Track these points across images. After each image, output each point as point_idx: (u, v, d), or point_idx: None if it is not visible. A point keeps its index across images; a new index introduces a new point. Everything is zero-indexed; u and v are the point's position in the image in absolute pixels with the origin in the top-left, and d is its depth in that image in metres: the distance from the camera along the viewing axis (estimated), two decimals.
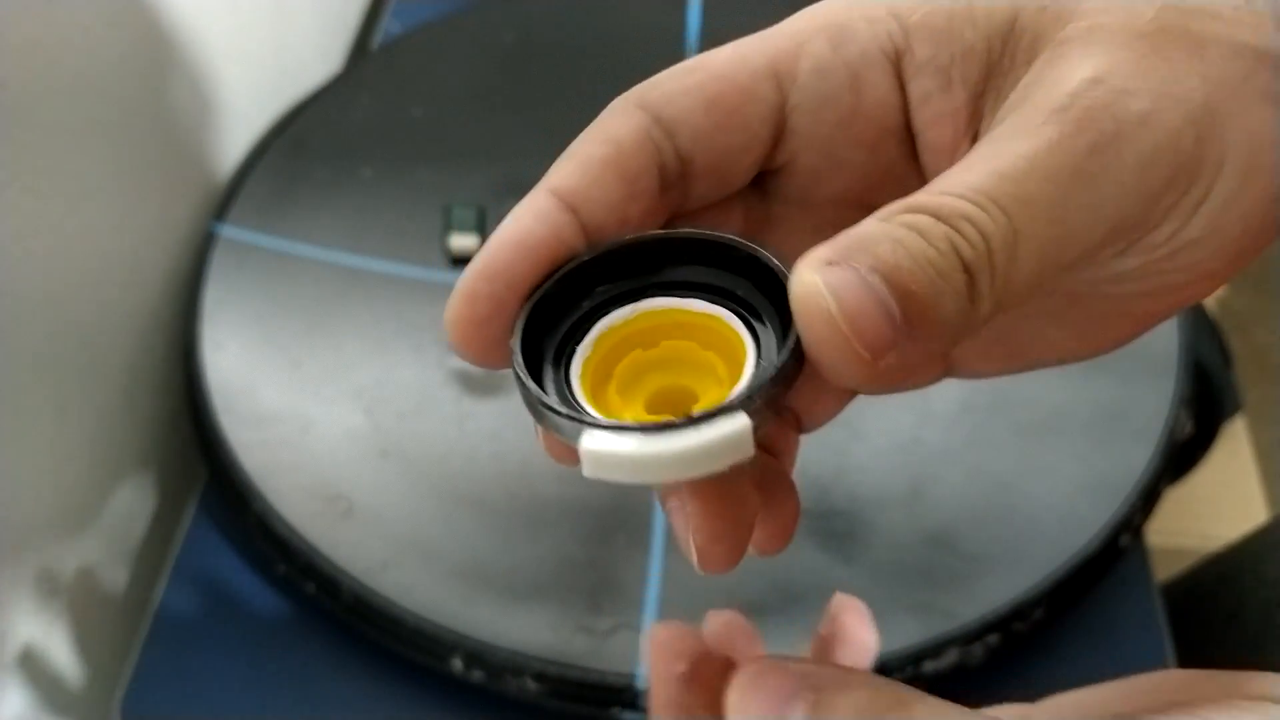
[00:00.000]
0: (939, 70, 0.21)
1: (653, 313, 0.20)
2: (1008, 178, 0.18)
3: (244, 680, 0.46)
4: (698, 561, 0.20)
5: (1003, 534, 0.47)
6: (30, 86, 0.42)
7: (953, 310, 0.18)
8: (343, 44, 0.72)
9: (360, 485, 0.48)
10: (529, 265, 0.20)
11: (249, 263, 0.54)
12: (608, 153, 0.20)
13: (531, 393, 0.19)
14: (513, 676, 0.43)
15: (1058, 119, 0.19)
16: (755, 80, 0.21)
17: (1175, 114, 0.19)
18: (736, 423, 0.17)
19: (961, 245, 0.18)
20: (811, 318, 0.18)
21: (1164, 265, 0.20)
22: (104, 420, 0.49)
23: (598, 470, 0.18)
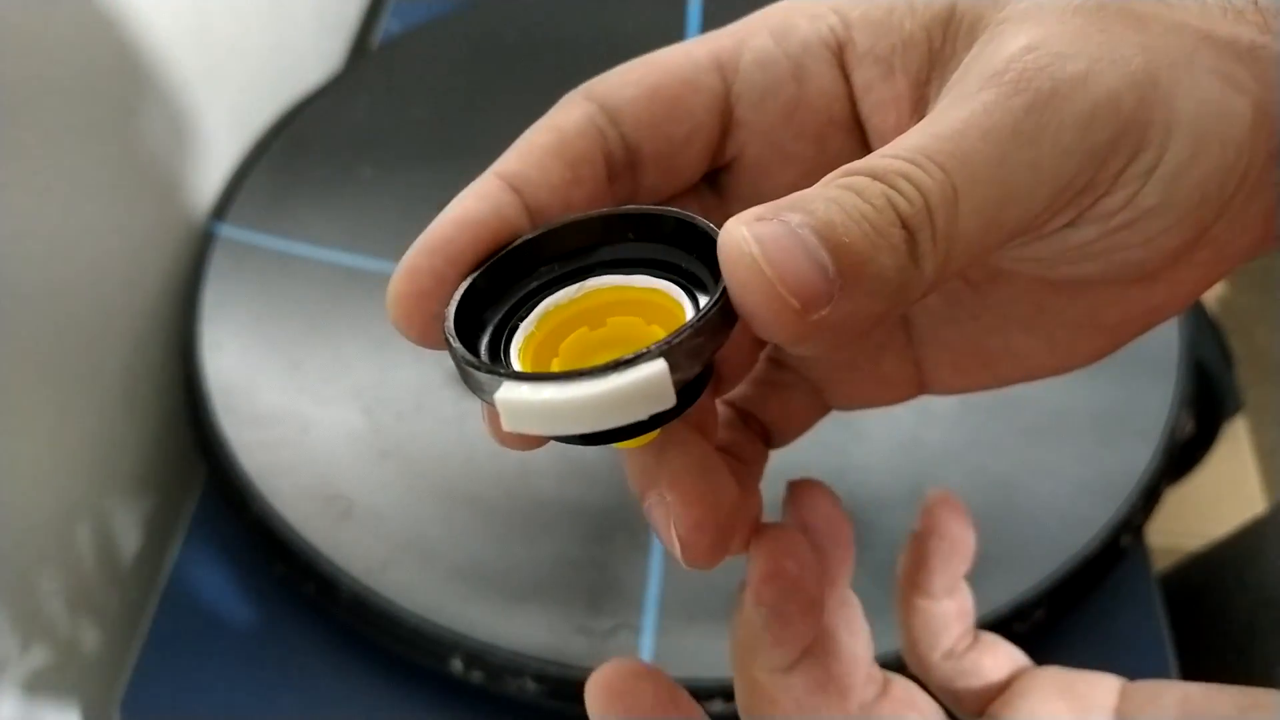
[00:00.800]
0: (879, 59, 0.22)
1: (598, 290, 0.20)
2: (944, 138, 0.18)
3: (244, 680, 0.46)
4: (681, 554, 0.20)
5: (1003, 534, 0.47)
6: (28, 86, 0.42)
7: (891, 265, 0.17)
8: (342, 43, 0.71)
9: (360, 485, 0.48)
10: (470, 241, 0.20)
11: (248, 262, 0.54)
12: (551, 139, 0.21)
13: (456, 351, 0.19)
14: (512, 677, 0.43)
15: (994, 83, 0.19)
16: (698, 71, 0.22)
17: (1114, 75, 0.19)
18: (653, 367, 0.17)
19: (898, 201, 0.18)
20: (734, 264, 0.17)
21: (1121, 239, 0.20)
22: (103, 420, 0.49)
23: (515, 422, 0.18)
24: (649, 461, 0.20)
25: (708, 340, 0.18)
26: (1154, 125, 0.19)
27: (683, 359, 0.17)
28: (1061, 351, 0.23)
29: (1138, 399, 0.49)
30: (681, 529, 0.20)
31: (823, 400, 0.25)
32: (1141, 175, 0.19)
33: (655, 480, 0.20)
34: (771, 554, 0.22)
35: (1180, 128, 0.19)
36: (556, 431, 0.17)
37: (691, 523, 0.20)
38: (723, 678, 0.42)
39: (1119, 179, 0.19)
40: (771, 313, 0.17)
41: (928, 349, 0.25)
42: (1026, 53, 0.19)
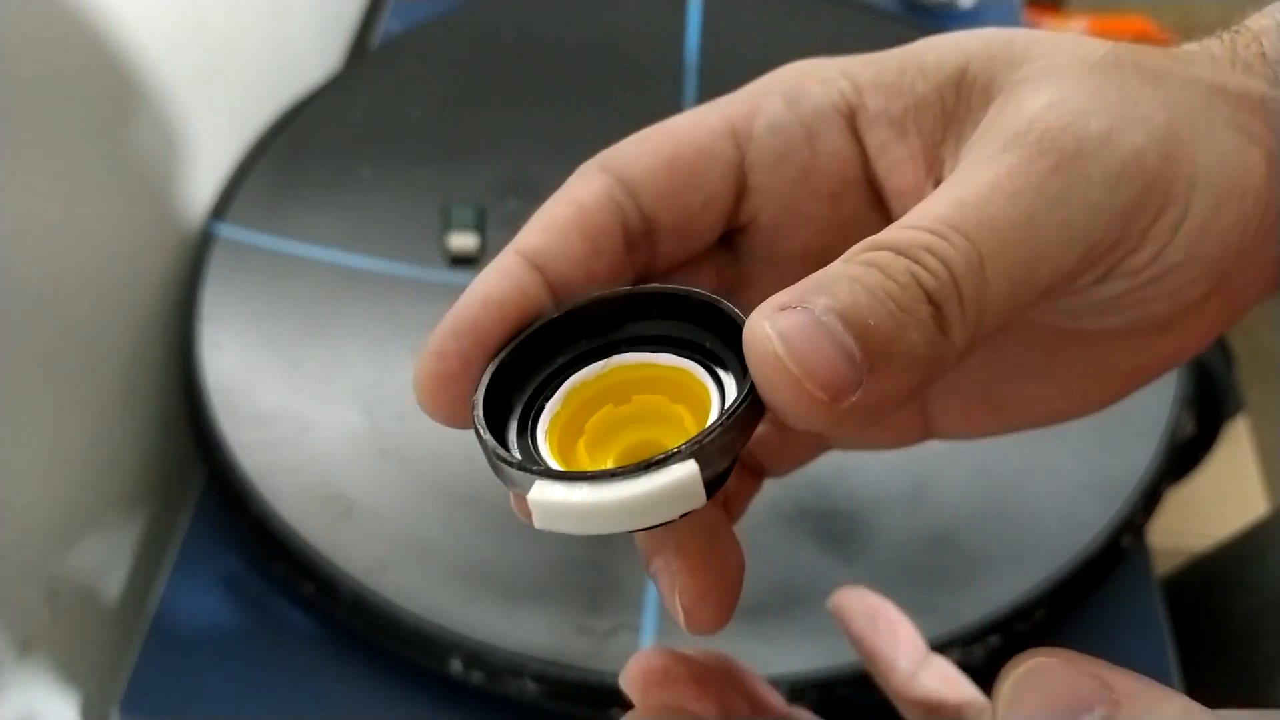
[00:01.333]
0: (892, 121, 0.22)
1: (623, 368, 0.20)
2: (968, 204, 0.18)
3: (244, 680, 0.46)
4: (685, 622, 0.20)
5: (1004, 534, 0.47)
6: (27, 87, 0.42)
7: (920, 342, 0.17)
8: (342, 43, 0.71)
9: (359, 485, 0.48)
10: (496, 322, 0.20)
11: (248, 262, 0.54)
12: (571, 213, 0.21)
13: (487, 444, 0.19)
14: (512, 677, 0.43)
15: (1017, 144, 0.19)
16: (712, 139, 0.22)
17: (1137, 132, 0.19)
18: (685, 469, 0.17)
19: (922, 275, 0.18)
20: (760, 362, 0.17)
21: (1147, 293, 0.20)
22: (103, 420, 0.49)
23: (547, 521, 0.18)
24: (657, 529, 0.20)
25: (737, 436, 0.18)
26: (1178, 181, 0.19)
27: (714, 456, 0.18)
28: (1072, 399, 0.24)
29: (1138, 399, 0.49)
30: (686, 599, 0.20)
31: (823, 439, 0.25)
32: (1168, 231, 0.19)
33: (662, 547, 0.20)
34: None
35: (1203, 183, 0.19)
36: (589, 531, 0.18)
37: (697, 592, 0.20)
38: None
39: (1146, 235, 0.19)
40: (801, 408, 0.17)
41: (936, 395, 0.25)
42: (1048, 111, 0.19)
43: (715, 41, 0.64)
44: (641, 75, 0.62)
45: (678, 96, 0.61)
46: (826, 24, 0.64)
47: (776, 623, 0.44)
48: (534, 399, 0.20)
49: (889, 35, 0.70)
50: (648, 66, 0.63)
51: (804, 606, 0.45)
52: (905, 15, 0.68)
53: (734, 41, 0.64)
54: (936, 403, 0.25)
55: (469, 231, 0.55)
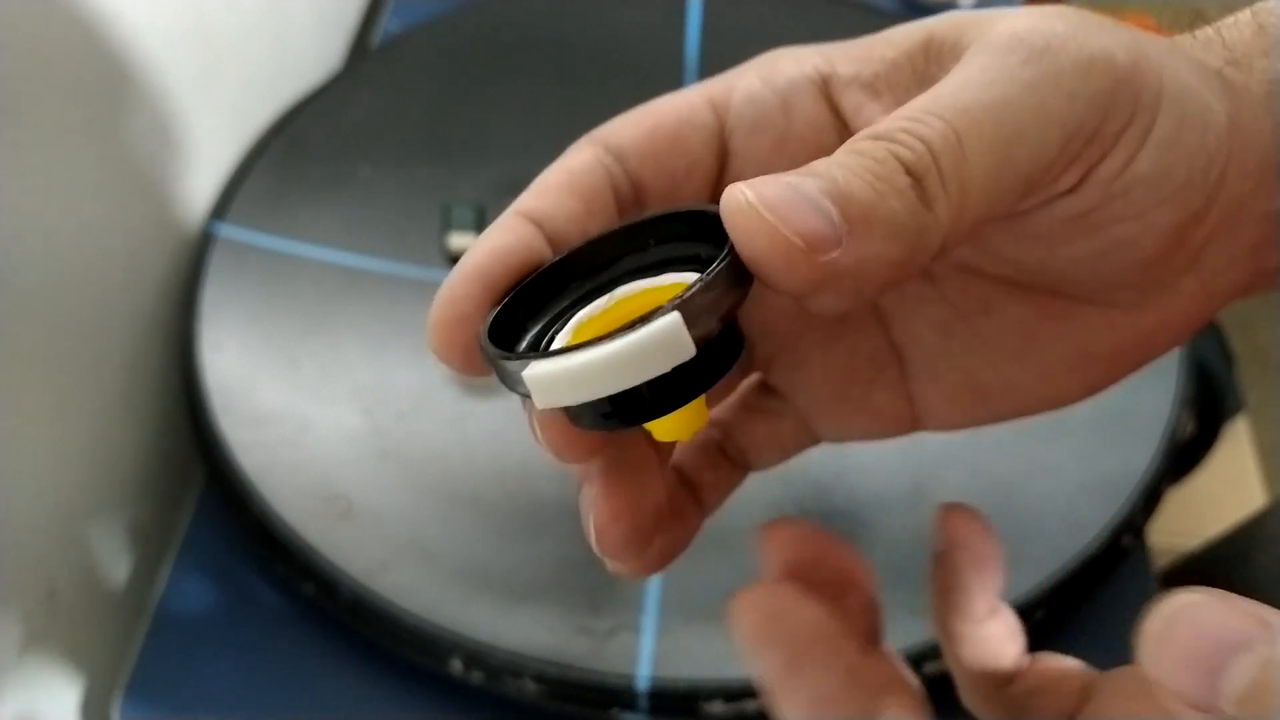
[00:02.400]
0: (865, 85, 0.23)
1: (628, 297, 0.21)
2: (944, 95, 0.19)
3: (244, 680, 0.46)
4: (595, 542, 0.21)
5: (1004, 535, 0.47)
6: (26, 87, 0.42)
7: (900, 209, 0.18)
8: (342, 42, 0.71)
9: (359, 485, 0.48)
10: (503, 269, 0.21)
11: (247, 262, 0.54)
12: (564, 178, 0.22)
13: (487, 350, 0.19)
14: (512, 678, 0.43)
15: (987, 49, 0.20)
16: (692, 110, 0.23)
17: (1105, 37, 0.20)
18: (669, 319, 0.17)
19: (900, 151, 0.18)
20: (733, 214, 0.18)
21: (1119, 209, 0.20)
22: (103, 420, 0.49)
23: (547, 397, 0.18)
24: (585, 454, 0.21)
25: (721, 293, 0.18)
26: (1147, 88, 0.20)
27: (698, 313, 0.18)
28: (1055, 385, 0.24)
29: (1138, 399, 0.49)
30: (598, 518, 0.21)
31: (811, 430, 0.26)
32: (1138, 138, 0.20)
33: (589, 472, 0.21)
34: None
35: (1169, 97, 0.20)
36: (585, 397, 0.18)
37: (609, 513, 0.21)
38: (723, 678, 0.42)
39: (1119, 140, 0.20)
40: (779, 257, 0.18)
41: (920, 382, 0.25)
42: (1015, 25, 0.20)
43: (715, 41, 0.64)
44: (641, 75, 0.62)
45: None
46: (826, 24, 0.64)
47: None
48: (541, 336, 0.21)
49: None
50: (648, 66, 0.63)
51: None
52: (905, 16, 0.68)
53: (734, 41, 0.64)
54: (921, 391, 0.25)
55: (469, 231, 0.55)
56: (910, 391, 0.25)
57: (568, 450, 0.20)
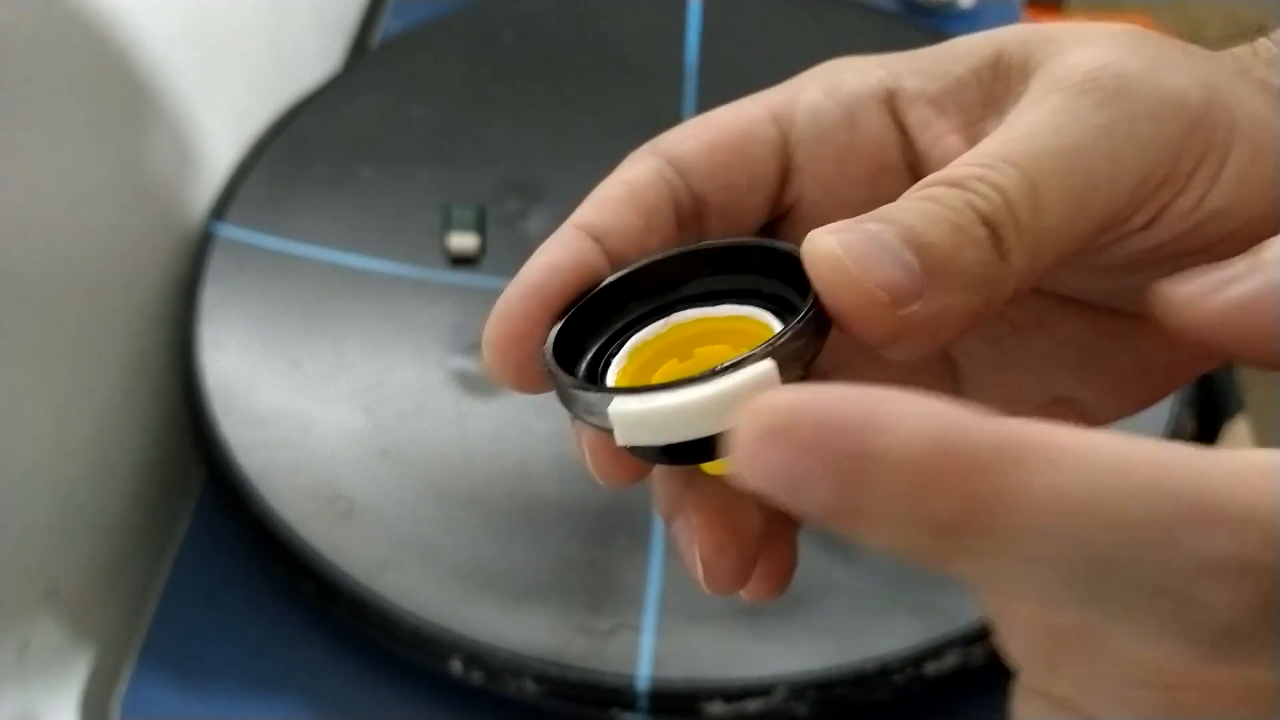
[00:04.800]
0: (931, 101, 0.22)
1: (684, 324, 0.21)
2: (1016, 140, 0.19)
3: (244, 680, 0.46)
4: (703, 577, 0.20)
5: None
6: (27, 87, 0.42)
7: (977, 260, 0.18)
8: (342, 43, 0.71)
9: (359, 485, 0.48)
10: (559, 286, 0.21)
11: (248, 262, 0.54)
12: (624, 191, 0.22)
13: (562, 380, 0.19)
14: (512, 678, 0.43)
15: (1059, 87, 0.20)
16: (755, 124, 0.23)
17: (1178, 76, 0.20)
18: (761, 367, 0.17)
19: (977, 201, 0.18)
20: (820, 265, 0.18)
21: (1189, 242, 0.20)
22: (103, 420, 0.49)
23: (630, 435, 0.18)
24: (677, 488, 0.21)
25: (808, 343, 0.18)
26: (1219, 127, 0.20)
27: (787, 360, 0.18)
28: (1109, 399, 0.24)
29: None
30: (704, 551, 0.20)
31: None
32: (1211, 176, 0.20)
33: (682, 506, 0.21)
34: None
35: (1241, 133, 0.20)
36: (671, 439, 0.18)
37: (715, 545, 0.20)
38: (723, 678, 0.42)
39: (1192, 178, 0.20)
40: (862, 309, 0.18)
41: (975, 397, 0.25)
42: (1088, 60, 0.20)
43: (715, 43, 0.64)
44: (641, 77, 0.62)
45: (678, 98, 0.61)
46: (826, 25, 0.64)
47: (776, 623, 0.44)
48: (597, 360, 0.21)
49: (889, 36, 0.71)
50: (648, 68, 0.63)
51: (804, 606, 0.45)
52: (905, 16, 0.68)
53: (734, 43, 0.64)
54: (976, 403, 0.25)
55: (469, 231, 0.55)
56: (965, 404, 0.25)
57: (616, 476, 0.20)
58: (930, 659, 0.42)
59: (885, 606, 0.45)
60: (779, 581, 0.22)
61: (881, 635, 0.43)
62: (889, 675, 0.42)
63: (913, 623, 0.44)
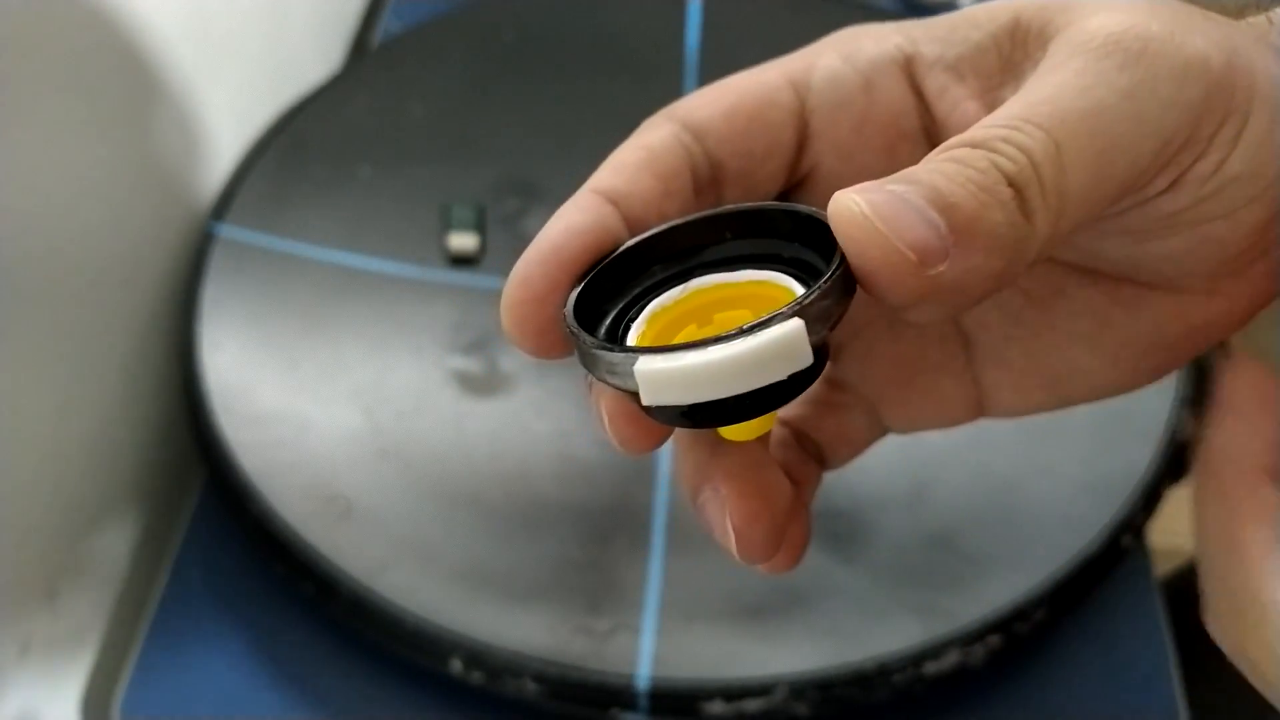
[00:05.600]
0: (949, 67, 0.22)
1: (703, 290, 0.21)
2: (1040, 101, 0.19)
3: (244, 680, 0.46)
4: (737, 548, 0.20)
5: (1004, 534, 0.47)
6: (27, 86, 0.42)
7: (1003, 221, 0.18)
8: (342, 42, 0.71)
9: (359, 485, 0.48)
10: (578, 249, 0.20)
11: (247, 262, 0.54)
12: (641, 156, 0.22)
13: (584, 340, 0.19)
14: (512, 678, 0.43)
15: (1081, 50, 0.20)
16: (772, 89, 0.23)
17: (1199, 38, 0.20)
18: (791, 325, 0.17)
19: (1002, 162, 0.18)
20: (847, 224, 0.18)
21: (1209, 208, 0.20)
22: (102, 420, 0.49)
23: (657, 394, 0.18)
24: (702, 459, 0.21)
25: (835, 303, 0.18)
26: (1239, 90, 0.20)
27: (814, 319, 0.18)
28: (1124, 369, 0.24)
29: (1138, 399, 0.49)
30: (737, 520, 0.20)
31: (880, 422, 0.25)
32: (1231, 140, 0.20)
33: (709, 476, 0.21)
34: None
35: (1261, 97, 0.20)
36: (698, 398, 0.18)
37: (748, 514, 0.20)
38: (723, 678, 0.42)
39: (1213, 141, 0.20)
40: (890, 268, 0.18)
41: (988, 369, 0.25)
42: (1109, 22, 0.20)
43: (715, 41, 0.63)
44: (642, 75, 0.62)
45: (678, 96, 0.61)
46: (826, 23, 0.64)
47: (776, 623, 0.44)
48: (615, 324, 0.21)
49: None
50: (648, 66, 0.63)
51: (804, 606, 0.45)
52: (905, 16, 0.68)
53: (734, 41, 0.64)
54: (988, 377, 0.25)
55: (469, 231, 0.55)
56: (977, 377, 0.25)
57: (636, 441, 0.20)
58: (930, 659, 0.42)
59: (885, 606, 0.45)
60: (798, 552, 0.22)
61: (881, 635, 0.43)
62: (889, 675, 0.42)
63: (913, 623, 0.44)
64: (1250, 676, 0.21)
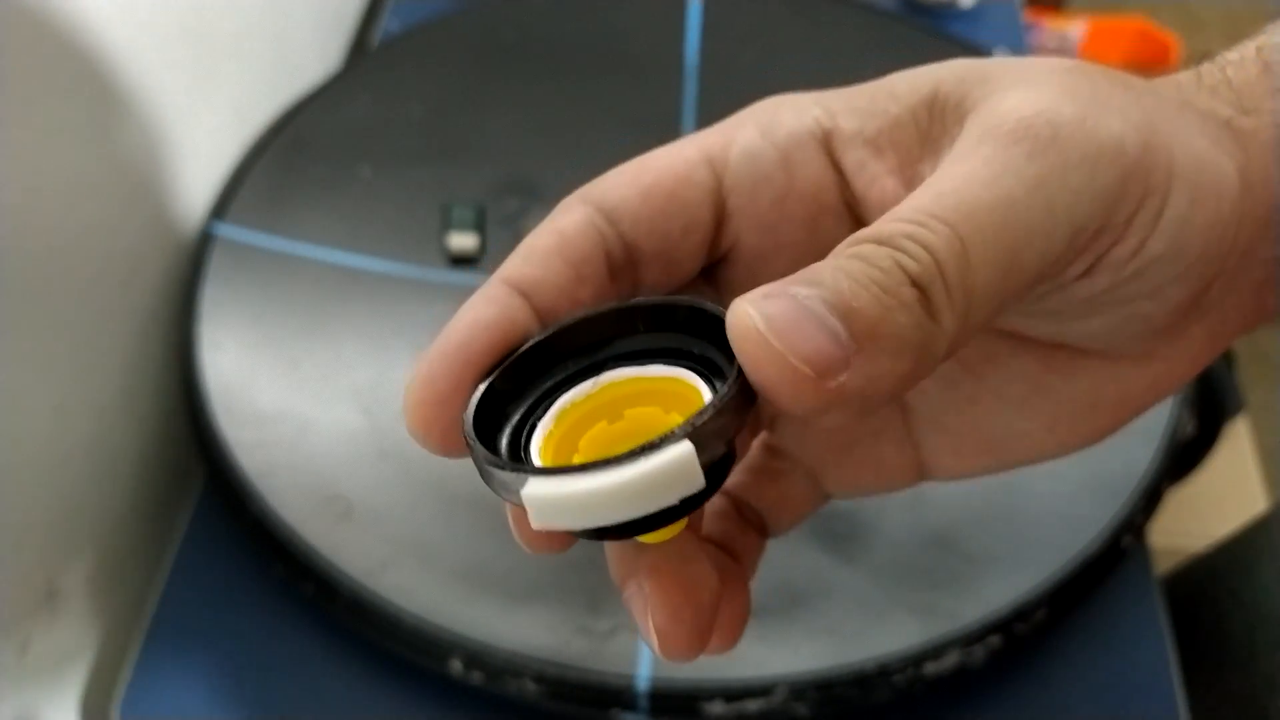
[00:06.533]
0: (868, 141, 0.22)
1: (614, 384, 0.20)
2: (946, 194, 0.18)
3: (244, 680, 0.46)
4: (658, 645, 0.20)
5: (1004, 535, 0.47)
6: (26, 86, 0.42)
7: (907, 324, 0.17)
8: (342, 42, 0.71)
9: (359, 486, 0.48)
10: (484, 345, 0.20)
11: (247, 262, 0.54)
12: (553, 241, 0.21)
13: (477, 452, 0.19)
14: (512, 678, 0.43)
15: (991, 137, 0.19)
16: (689, 167, 0.22)
17: (1114, 119, 0.19)
18: (680, 449, 0.17)
19: (905, 261, 0.18)
20: (742, 340, 0.17)
21: (1132, 289, 0.20)
22: (102, 420, 0.49)
23: (544, 518, 0.17)
24: (628, 551, 0.20)
25: (730, 420, 0.18)
26: (1158, 170, 0.19)
27: (708, 440, 0.17)
28: (1062, 433, 0.23)
29: None
30: (659, 618, 0.20)
31: (820, 488, 0.25)
32: (1150, 221, 0.19)
33: (634, 570, 0.20)
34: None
35: (1180, 176, 0.19)
36: (587, 524, 0.17)
37: (669, 613, 0.20)
38: (723, 678, 0.42)
39: (1130, 224, 0.19)
40: (787, 384, 0.17)
41: (926, 435, 0.24)
42: (1022, 104, 0.19)
43: (715, 42, 0.64)
44: (641, 75, 0.62)
45: (678, 97, 0.61)
46: (826, 24, 0.64)
47: (776, 623, 0.44)
48: (524, 420, 0.20)
49: (889, 35, 0.70)
50: (648, 67, 0.63)
51: (804, 606, 0.45)
52: (905, 15, 0.68)
53: (734, 42, 0.64)
54: (927, 443, 0.25)
55: (469, 231, 0.55)
56: (916, 443, 0.25)
57: (543, 545, 0.20)
58: (930, 659, 0.42)
59: (885, 606, 0.45)
60: (737, 631, 0.22)
61: (881, 635, 0.43)
62: (889, 675, 0.42)
63: (913, 623, 0.44)
64: None
